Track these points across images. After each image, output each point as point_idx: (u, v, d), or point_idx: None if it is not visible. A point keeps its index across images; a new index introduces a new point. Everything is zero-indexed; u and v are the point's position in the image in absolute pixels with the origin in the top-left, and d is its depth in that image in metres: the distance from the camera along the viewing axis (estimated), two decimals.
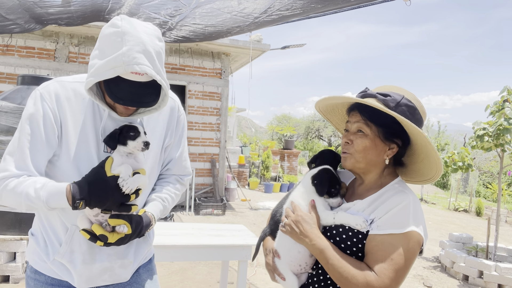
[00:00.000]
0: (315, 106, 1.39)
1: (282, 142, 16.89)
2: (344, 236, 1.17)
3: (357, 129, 1.23)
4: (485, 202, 13.11)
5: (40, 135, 1.20)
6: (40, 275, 1.29)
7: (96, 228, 1.20)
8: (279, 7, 2.07)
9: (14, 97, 3.73)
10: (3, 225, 3.65)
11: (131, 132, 1.22)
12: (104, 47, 1.13)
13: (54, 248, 1.27)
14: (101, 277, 1.33)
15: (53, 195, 1.15)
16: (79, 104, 1.25)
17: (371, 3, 2.00)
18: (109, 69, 1.09)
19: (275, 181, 12.50)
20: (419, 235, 1.11)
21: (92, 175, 1.18)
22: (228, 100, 8.96)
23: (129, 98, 1.14)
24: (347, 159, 1.25)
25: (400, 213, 1.12)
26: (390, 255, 1.08)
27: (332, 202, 1.26)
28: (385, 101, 1.19)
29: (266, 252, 1.37)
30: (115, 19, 1.15)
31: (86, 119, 1.25)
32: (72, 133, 1.23)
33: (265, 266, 1.38)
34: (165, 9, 2.29)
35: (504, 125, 4.52)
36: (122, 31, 1.10)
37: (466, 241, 5.69)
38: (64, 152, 1.23)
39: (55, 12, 2.43)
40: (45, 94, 1.21)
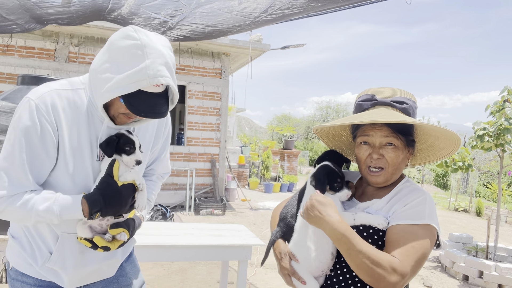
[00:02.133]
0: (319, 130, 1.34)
1: (282, 142, 16.89)
2: (365, 234, 1.17)
3: (387, 142, 1.19)
4: (485, 202, 13.11)
5: (39, 149, 1.17)
6: (27, 277, 1.29)
7: (98, 240, 1.23)
8: (279, 6, 2.07)
9: (14, 97, 3.72)
10: (2, 225, 3.65)
11: (127, 147, 1.24)
12: (120, 60, 1.11)
13: (42, 254, 1.26)
14: (90, 277, 1.36)
15: (67, 209, 1.17)
16: (73, 113, 1.22)
17: (371, 2, 2.00)
18: (132, 83, 1.09)
19: (275, 181, 12.50)
20: (435, 229, 1.13)
21: (105, 186, 1.20)
22: (228, 100, 8.96)
23: (150, 110, 1.14)
24: (381, 175, 1.21)
25: (417, 206, 1.14)
26: (411, 242, 1.08)
27: (340, 196, 1.24)
28: (404, 109, 1.19)
29: (281, 255, 1.30)
30: (128, 31, 1.13)
31: (80, 128, 1.23)
32: (67, 143, 1.21)
33: (278, 271, 1.33)
34: (166, 9, 2.29)
35: (504, 125, 4.51)
36: (142, 44, 1.10)
37: (466, 241, 5.69)
38: (59, 162, 1.22)
39: (55, 12, 2.43)
40: (41, 106, 1.16)
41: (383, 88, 1.26)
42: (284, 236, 1.36)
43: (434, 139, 1.25)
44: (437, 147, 1.27)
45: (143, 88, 1.11)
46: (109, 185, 1.20)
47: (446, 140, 1.21)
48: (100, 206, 1.18)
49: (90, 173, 1.26)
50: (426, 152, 1.32)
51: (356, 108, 1.26)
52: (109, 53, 1.14)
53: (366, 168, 1.24)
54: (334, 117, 31.04)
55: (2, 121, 3.65)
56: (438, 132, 1.19)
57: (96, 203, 1.18)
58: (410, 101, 1.21)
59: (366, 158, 1.22)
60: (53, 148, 1.19)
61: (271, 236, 1.40)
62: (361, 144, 1.24)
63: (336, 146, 1.46)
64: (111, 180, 1.20)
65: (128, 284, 1.47)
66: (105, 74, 1.13)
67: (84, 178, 1.25)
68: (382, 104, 1.21)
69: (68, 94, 1.23)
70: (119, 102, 1.16)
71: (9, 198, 1.15)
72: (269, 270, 4.64)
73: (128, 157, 1.24)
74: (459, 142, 1.19)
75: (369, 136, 1.21)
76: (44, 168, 1.20)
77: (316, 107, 35.43)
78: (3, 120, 3.65)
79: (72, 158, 1.22)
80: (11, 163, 1.15)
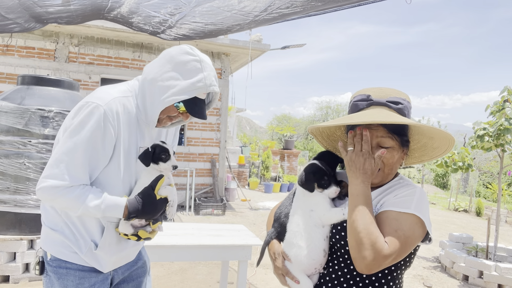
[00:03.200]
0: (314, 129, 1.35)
1: (282, 142, 16.89)
2: None
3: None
4: (485, 202, 13.11)
5: (101, 150, 1.35)
6: (71, 264, 1.45)
7: (142, 233, 1.47)
8: (279, 5, 2.07)
9: (14, 97, 3.73)
10: (3, 225, 3.65)
11: (162, 155, 1.46)
12: (183, 71, 1.37)
13: (86, 242, 1.44)
14: (122, 260, 1.57)
15: (111, 209, 1.37)
16: (127, 118, 1.41)
17: (371, 1, 2.00)
18: (193, 90, 1.37)
19: (275, 181, 12.50)
20: (420, 220, 1.10)
21: (145, 197, 1.42)
22: (228, 100, 8.96)
23: (202, 112, 1.43)
24: (378, 176, 1.21)
25: (406, 197, 1.14)
26: (394, 228, 1.08)
27: (328, 192, 1.25)
28: (399, 110, 1.19)
29: (275, 256, 1.32)
30: (187, 48, 1.41)
31: (131, 132, 1.44)
32: (122, 145, 1.41)
33: (273, 271, 1.34)
34: (165, 8, 2.28)
35: (504, 125, 4.51)
36: (200, 59, 1.40)
37: (466, 241, 5.68)
38: (112, 162, 1.40)
39: (55, 11, 2.42)
40: (108, 113, 1.34)
41: (378, 88, 1.26)
42: (278, 236, 1.37)
43: (428, 139, 1.25)
44: (431, 147, 1.27)
45: (199, 94, 1.39)
46: (149, 197, 1.42)
47: (440, 140, 1.21)
48: (137, 213, 1.40)
49: (134, 172, 1.47)
50: (420, 151, 1.32)
51: (352, 108, 1.26)
52: (171, 65, 1.39)
53: None
54: (334, 117, 31.04)
55: (2, 121, 3.66)
56: (432, 132, 1.20)
57: (135, 210, 1.40)
58: (405, 102, 1.21)
59: None
60: (110, 149, 1.38)
61: (266, 237, 1.42)
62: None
63: (331, 146, 1.46)
64: (152, 193, 1.42)
65: (143, 266, 1.72)
66: (168, 82, 1.37)
67: (128, 176, 1.46)
68: (377, 104, 1.21)
69: (125, 101, 1.42)
70: (172, 107, 1.41)
71: (65, 188, 1.31)
72: (269, 270, 4.63)
73: (165, 164, 1.46)
74: (453, 142, 1.19)
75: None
76: (99, 166, 1.38)
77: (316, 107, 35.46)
78: (3, 120, 3.66)
79: (123, 159, 1.42)
80: (73, 159, 1.32)
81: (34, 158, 3.60)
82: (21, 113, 3.63)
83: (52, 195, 1.33)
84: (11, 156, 3.59)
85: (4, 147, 3.61)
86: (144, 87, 1.43)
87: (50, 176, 1.31)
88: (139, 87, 1.46)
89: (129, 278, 1.65)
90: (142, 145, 1.50)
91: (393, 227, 1.09)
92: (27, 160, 3.59)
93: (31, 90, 3.79)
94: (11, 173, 3.58)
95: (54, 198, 1.34)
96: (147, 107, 1.43)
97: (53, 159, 1.33)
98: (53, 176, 1.31)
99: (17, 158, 3.59)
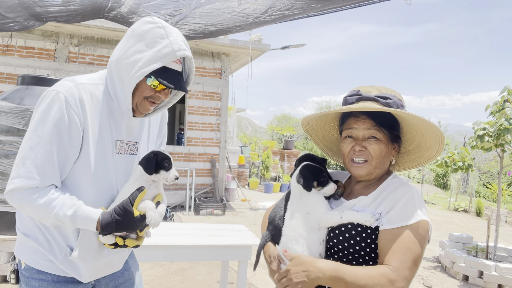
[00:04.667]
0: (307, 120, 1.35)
1: (282, 142, 16.89)
2: (353, 232, 1.17)
3: (370, 135, 1.21)
4: (485, 202, 13.10)
5: (67, 142, 1.22)
6: (45, 275, 1.31)
7: (130, 242, 1.32)
8: (279, 7, 2.07)
9: (14, 97, 3.73)
10: (3, 225, 3.65)
11: (165, 162, 1.31)
12: (147, 41, 1.24)
13: (61, 248, 1.30)
14: (104, 269, 1.43)
15: (83, 221, 1.23)
16: (95, 107, 1.28)
17: (371, 2, 2.00)
18: (161, 57, 1.22)
19: (275, 181, 12.50)
20: (427, 223, 1.14)
21: (121, 213, 1.24)
22: (228, 100, 8.96)
23: (178, 83, 1.27)
24: (364, 167, 1.22)
25: (407, 205, 1.15)
26: (407, 245, 1.09)
27: (326, 190, 1.25)
28: (387, 104, 1.20)
29: (270, 259, 1.31)
30: (147, 18, 1.28)
31: (101, 121, 1.29)
32: (90, 136, 1.26)
33: (269, 274, 1.33)
34: (165, 9, 2.29)
35: (504, 125, 4.51)
36: (162, 25, 1.26)
37: (466, 241, 5.68)
38: (82, 155, 1.26)
39: (55, 11, 2.43)
40: (70, 99, 1.21)
41: (370, 86, 1.29)
42: (273, 239, 1.36)
43: (420, 137, 1.26)
44: (424, 146, 1.28)
45: (168, 63, 1.25)
46: (126, 213, 1.24)
47: (431, 136, 1.22)
48: (111, 230, 1.25)
49: (109, 165, 1.32)
50: (415, 153, 1.33)
51: (343, 103, 1.29)
52: (133, 38, 1.26)
53: (350, 161, 1.25)
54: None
55: (2, 121, 3.66)
56: (418, 123, 1.20)
57: (109, 226, 1.24)
58: (394, 98, 1.22)
59: (350, 151, 1.24)
60: (78, 140, 1.24)
61: (261, 240, 1.41)
62: (346, 138, 1.26)
63: (327, 147, 1.47)
64: (130, 208, 1.24)
65: (131, 278, 1.55)
66: (133, 57, 1.23)
67: (103, 171, 1.31)
68: (366, 99, 1.23)
69: (91, 88, 1.28)
70: (144, 84, 1.27)
71: (34, 192, 1.18)
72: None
73: (167, 173, 1.31)
74: (443, 138, 1.19)
75: (353, 129, 1.24)
76: (69, 160, 1.25)
77: (316, 107, 35.41)
78: (3, 120, 3.65)
79: (94, 150, 1.27)
80: (38, 154, 1.18)
81: None
82: (21, 113, 3.63)
83: (20, 200, 1.19)
84: (11, 156, 3.59)
85: (4, 147, 3.61)
86: (111, 71, 1.30)
87: (17, 176, 1.18)
88: (107, 73, 1.33)
89: None
90: (119, 138, 1.35)
91: (405, 245, 1.09)
92: None
93: (31, 90, 3.78)
94: None
95: (22, 204, 1.20)
96: (118, 92, 1.29)
97: (19, 157, 1.20)
98: (19, 176, 1.18)
99: None
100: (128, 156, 1.41)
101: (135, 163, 1.42)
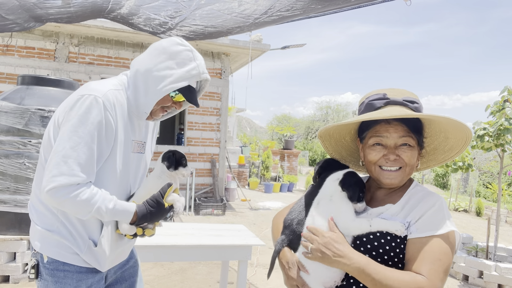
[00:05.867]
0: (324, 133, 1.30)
1: (282, 142, 16.89)
2: (383, 240, 1.13)
3: (403, 142, 1.16)
4: (485, 202, 13.11)
5: (104, 142, 1.35)
6: (69, 266, 1.41)
7: (148, 231, 1.50)
8: (279, 8, 2.07)
9: (14, 97, 3.73)
10: (3, 225, 3.65)
11: (183, 160, 1.53)
12: (178, 60, 1.41)
13: (84, 241, 1.41)
14: (118, 258, 1.57)
15: (121, 213, 1.38)
16: (120, 110, 1.41)
17: (371, 3, 2.00)
18: (189, 77, 1.41)
19: (275, 181, 12.50)
20: (456, 233, 1.12)
21: (155, 205, 1.44)
22: (228, 100, 8.96)
23: (195, 100, 1.47)
24: (398, 175, 1.17)
25: (436, 215, 1.12)
26: (437, 255, 1.06)
27: (359, 207, 1.19)
28: (416, 108, 1.18)
29: (288, 265, 1.23)
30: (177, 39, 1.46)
31: (125, 124, 1.43)
32: (119, 138, 1.40)
33: (284, 282, 1.26)
34: (165, 11, 2.29)
35: (504, 125, 4.51)
36: (191, 49, 1.44)
37: (466, 241, 5.68)
38: (111, 155, 1.39)
39: (55, 12, 2.43)
40: (106, 103, 1.34)
41: (392, 89, 1.24)
42: (290, 245, 1.29)
43: (442, 140, 1.23)
44: (442, 150, 1.25)
45: (192, 82, 1.44)
46: (159, 205, 1.44)
47: (456, 139, 1.18)
48: (146, 220, 1.43)
49: (129, 163, 1.48)
50: (428, 155, 1.30)
51: (367, 107, 1.21)
52: (165, 55, 1.41)
53: (378, 168, 1.19)
54: (334, 117, 31.02)
55: (2, 121, 3.66)
56: (449, 130, 1.17)
57: (145, 217, 1.42)
58: (419, 102, 1.20)
59: (379, 159, 1.18)
60: (112, 141, 1.38)
61: (276, 245, 1.32)
62: (374, 146, 1.19)
63: (336, 152, 1.40)
64: (162, 201, 1.45)
65: (134, 265, 1.72)
66: (163, 72, 1.39)
67: (125, 168, 1.46)
68: (394, 103, 1.17)
69: (117, 93, 1.41)
70: (167, 97, 1.43)
71: (76, 189, 1.27)
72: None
73: (184, 169, 1.53)
74: (470, 138, 1.15)
75: (383, 137, 1.17)
76: (102, 159, 1.37)
77: (316, 107, 35.42)
78: (3, 120, 3.66)
79: (120, 150, 1.42)
80: (80, 154, 1.29)
81: (34, 158, 3.61)
82: (21, 113, 3.63)
83: (64, 196, 1.26)
84: (11, 156, 3.60)
85: (4, 147, 3.62)
86: (136, 79, 1.43)
87: (59, 174, 1.26)
88: (130, 80, 1.46)
89: (122, 278, 1.65)
90: (134, 138, 1.49)
91: (436, 255, 1.06)
92: (27, 160, 3.60)
93: (31, 90, 3.79)
94: (11, 173, 3.58)
95: (65, 200, 1.27)
96: (140, 99, 1.43)
97: (59, 156, 1.27)
98: (62, 174, 1.26)
99: (17, 158, 3.59)
100: (139, 154, 1.56)
101: (143, 161, 1.59)
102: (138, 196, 1.49)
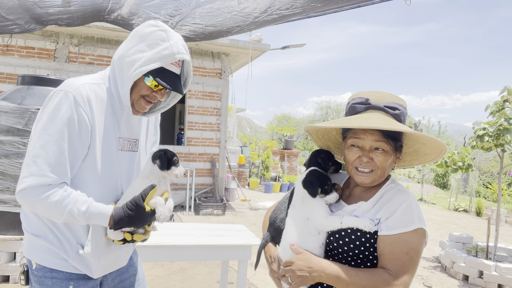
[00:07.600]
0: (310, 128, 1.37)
1: (282, 142, 16.89)
2: (353, 236, 1.21)
3: (377, 146, 1.23)
4: (485, 202, 13.11)
5: (77, 140, 1.25)
6: (57, 273, 1.34)
7: (138, 237, 1.38)
8: (279, 6, 2.07)
9: (14, 97, 3.73)
10: (3, 225, 3.65)
11: (175, 159, 1.41)
12: (148, 42, 1.30)
13: (72, 246, 1.33)
14: (112, 265, 1.47)
15: (96, 216, 1.27)
16: (100, 105, 1.32)
17: (371, 3, 2.00)
18: (160, 58, 1.28)
19: (275, 181, 12.50)
20: (424, 231, 1.18)
21: (134, 208, 1.29)
22: (228, 100, 8.96)
23: (174, 84, 1.33)
24: (369, 176, 1.24)
25: (406, 212, 1.18)
26: (404, 250, 1.15)
27: (329, 198, 1.28)
28: (396, 115, 1.22)
29: (271, 259, 1.36)
30: (151, 21, 1.34)
31: (106, 120, 1.33)
32: (97, 134, 1.30)
33: (269, 274, 1.37)
34: (165, 9, 2.29)
35: (504, 125, 4.51)
36: (164, 29, 1.32)
37: (466, 241, 5.68)
38: (89, 153, 1.30)
39: (55, 12, 2.42)
40: (78, 98, 1.25)
41: (377, 92, 1.28)
42: (273, 240, 1.40)
43: (421, 145, 1.28)
44: (422, 153, 1.31)
45: (166, 64, 1.30)
46: (138, 208, 1.29)
47: (432, 147, 1.25)
48: (123, 224, 1.30)
49: (114, 162, 1.36)
50: (411, 156, 1.36)
51: (350, 110, 1.29)
52: (136, 38, 1.32)
53: (354, 168, 1.27)
54: (334, 117, 31.04)
55: (2, 121, 3.66)
56: (426, 140, 1.23)
57: (122, 221, 1.29)
58: (401, 107, 1.24)
59: (355, 160, 1.26)
60: (87, 138, 1.28)
61: (262, 240, 1.45)
62: (351, 146, 1.27)
63: (324, 145, 1.49)
64: (142, 204, 1.30)
65: (135, 274, 1.61)
66: (134, 56, 1.29)
67: (109, 168, 1.35)
68: (375, 108, 1.23)
69: (95, 88, 1.32)
70: (142, 83, 1.32)
71: (46, 190, 1.20)
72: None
73: (177, 169, 1.41)
74: (444, 151, 1.23)
75: (360, 139, 1.24)
76: (78, 158, 1.28)
77: (316, 107, 35.43)
78: (3, 120, 3.66)
79: (100, 148, 1.31)
80: (50, 152, 1.21)
81: None
82: (21, 113, 3.63)
83: (33, 198, 1.20)
84: (11, 156, 3.59)
85: (4, 147, 3.62)
86: (113, 68, 1.36)
87: (28, 175, 1.19)
88: (110, 72, 1.38)
89: (121, 287, 1.55)
90: (122, 136, 1.40)
91: (404, 249, 1.15)
92: None
93: (31, 90, 3.79)
94: (11, 173, 3.58)
95: (35, 202, 1.21)
96: (119, 89, 1.34)
97: (29, 156, 1.21)
98: (31, 175, 1.19)
99: (17, 158, 3.59)
100: (130, 153, 1.45)
101: (136, 160, 1.48)
102: (124, 198, 1.37)
